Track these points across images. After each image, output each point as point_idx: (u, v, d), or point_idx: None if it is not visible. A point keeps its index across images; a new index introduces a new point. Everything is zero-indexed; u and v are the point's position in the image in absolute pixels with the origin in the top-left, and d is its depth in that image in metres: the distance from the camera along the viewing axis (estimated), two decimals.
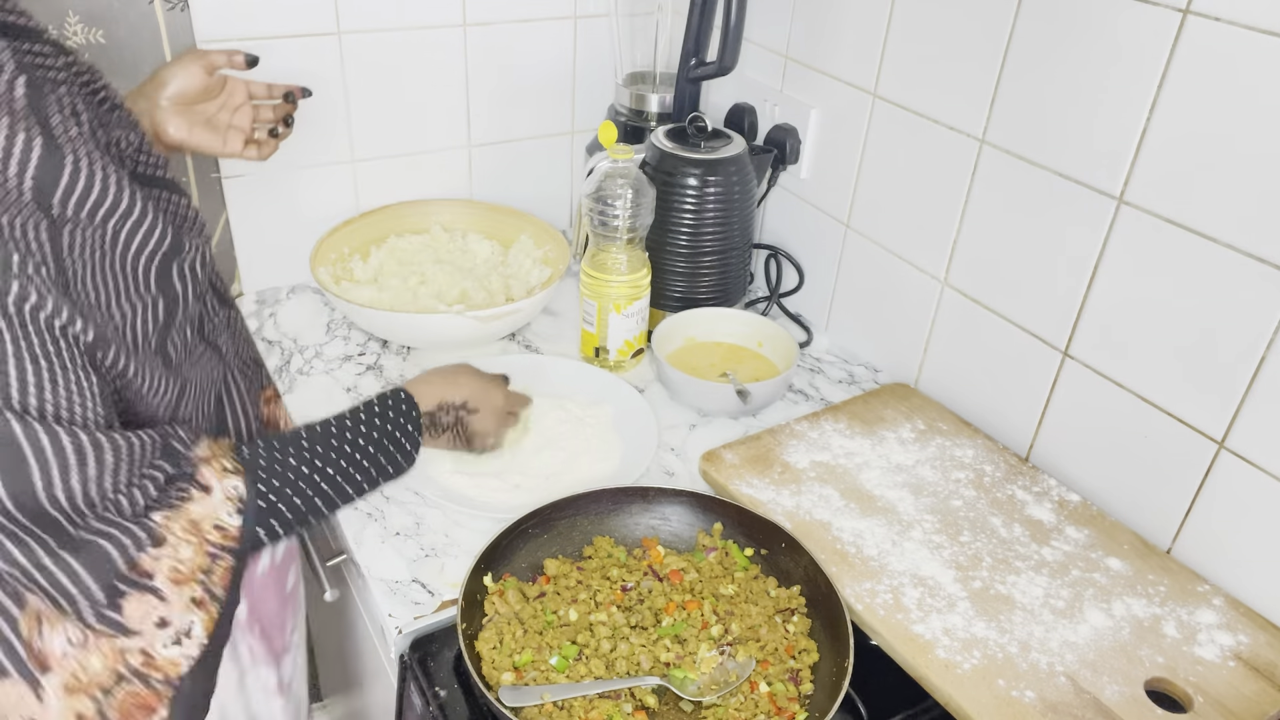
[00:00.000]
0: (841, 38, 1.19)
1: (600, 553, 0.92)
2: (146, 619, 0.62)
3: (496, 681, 0.78)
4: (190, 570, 0.64)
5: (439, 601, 0.89)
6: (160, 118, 0.92)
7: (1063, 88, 0.94)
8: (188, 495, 0.65)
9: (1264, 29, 0.77)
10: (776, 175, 1.34)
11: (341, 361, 1.22)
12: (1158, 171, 0.87)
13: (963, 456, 1.05)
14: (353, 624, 1.19)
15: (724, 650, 0.82)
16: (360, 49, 1.29)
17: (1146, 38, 0.85)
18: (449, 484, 1.01)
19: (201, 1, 1.16)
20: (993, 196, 1.04)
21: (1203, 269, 0.85)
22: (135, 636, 0.62)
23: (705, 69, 1.27)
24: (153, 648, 0.63)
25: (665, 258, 1.24)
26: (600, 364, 1.22)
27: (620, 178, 1.13)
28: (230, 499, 0.67)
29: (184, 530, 0.64)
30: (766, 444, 1.05)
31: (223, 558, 0.66)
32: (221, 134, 0.97)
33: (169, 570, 0.63)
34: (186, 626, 0.64)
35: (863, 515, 0.96)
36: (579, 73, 1.47)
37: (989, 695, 0.78)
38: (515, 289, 1.31)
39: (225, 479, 0.67)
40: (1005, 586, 0.88)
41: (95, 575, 0.60)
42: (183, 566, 0.64)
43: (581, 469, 1.04)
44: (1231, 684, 0.79)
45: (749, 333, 1.24)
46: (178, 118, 0.93)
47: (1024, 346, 1.05)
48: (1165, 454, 0.93)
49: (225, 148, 0.97)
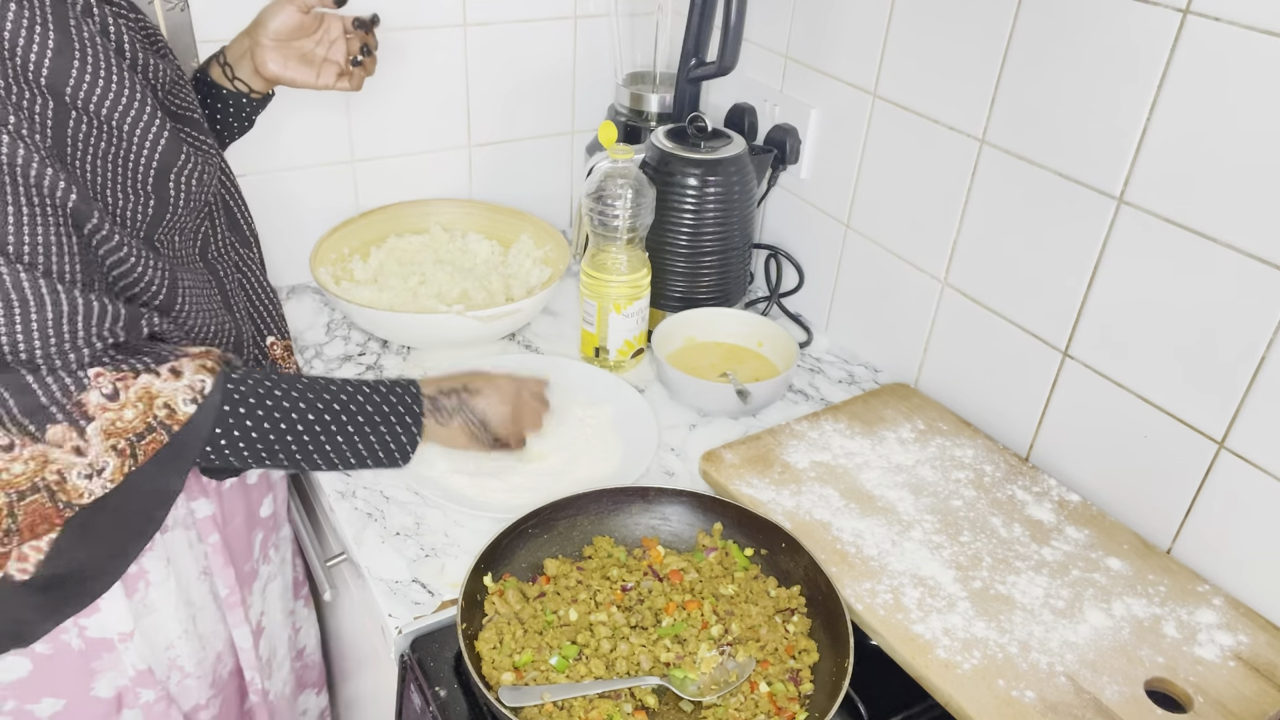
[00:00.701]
0: (841, 38, 1.19)
1: (600, 553, 0.92)
2: (65, 443, 0.70)
3: (496, 681, 0.78)
4: (124, 428, 0.72)
5: (439, 601, 0.89)
6: (260, 55, 0.99)
7: (1063, 88, 0.94)
8: (155, 371, 0.73)
9: (1264, 29, 0.77)
10: (776, 175, 1.34)
11: (341, 361, 1.22)
12: (1158, 171, 0.87)
13: (963, 456, 1.05)
14: (353, 624, 1.19)
15: (724, 650, 0.82)
16: None
17: (1146, 38, 0.85)
18: (449, 484, 1.01)
19: (201, 1, 1.16)
20: (993, 196, 1.04)
21: (1203, 269, 0.85)
22: (54, 452, 0.70)
23: (705, 69, 1.27)
24: (67, 472, 0.71)
25: (665, 258, 1.24)
26: (600, 364, 1.22)
27: (620, 178, 1.13)
28: (192, 389, 0.74)
29: (137, 396, 0.72)
30: (766, 444, 1.05)
31: (158, 431, 0.73)
32: (316, 67, 1.03)
33: (107, 422, 0.71)
34: (101, 466, 0.72)
35: (863, 515, 0.96)
36: (579, 73, 1.47)
37: (989, 695, 0.78)
38: (515, 289, 1.31)
39: (197, 373, 0.74)
40: (1005, 586, 0.88)
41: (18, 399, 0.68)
42: (120, 423, 0.72)
43: (581, 469, 1.04)
44: (1231, 684, 0.79)
45: (749, 333, 1.24)
46: (275, 53, 1.00)
47: (1024, 346, 1.05)
48: (1165, 454, 0.93)
49: (319, 80, 1.04)
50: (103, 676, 0.88)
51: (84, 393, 0.70)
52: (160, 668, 0.93)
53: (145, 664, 0.90)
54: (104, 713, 0.90)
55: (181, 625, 0.93)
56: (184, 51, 1.18)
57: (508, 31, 1.38)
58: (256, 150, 1.28)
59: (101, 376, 0.71)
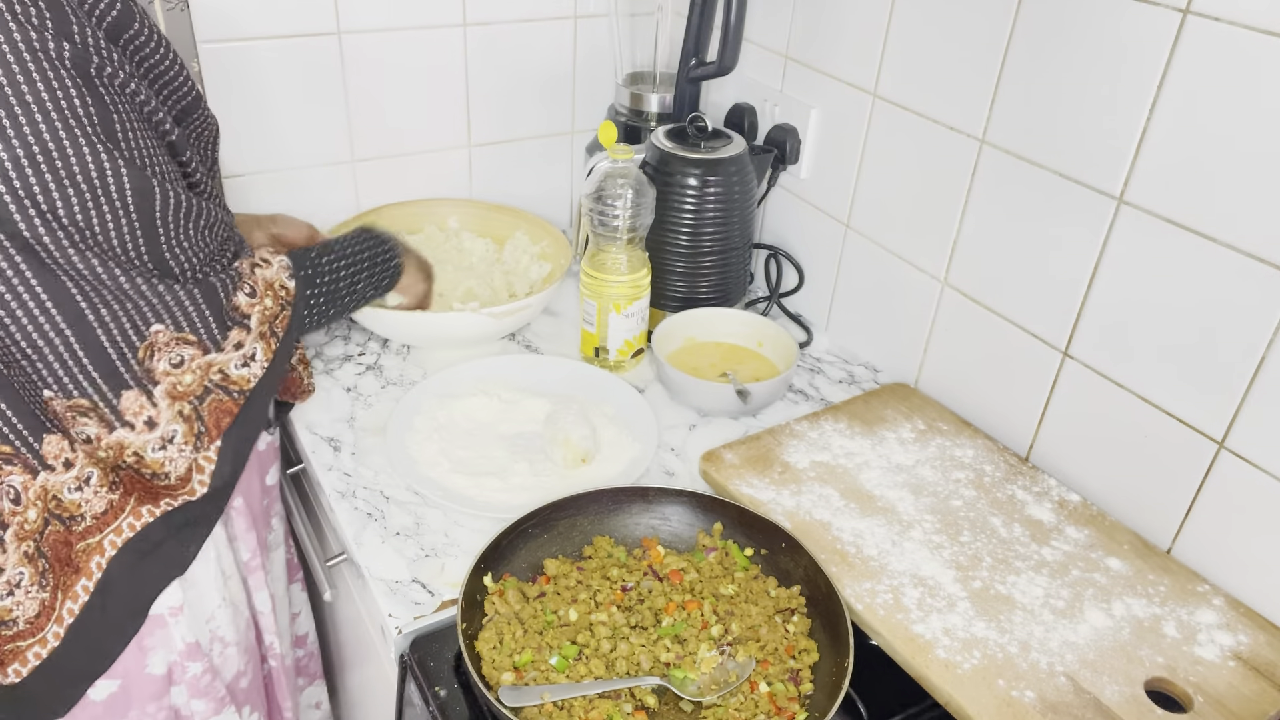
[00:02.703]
0: (841, 38, 1.19)
1: (600, 553, 0.92)
2: (231, 345, 0.83)
3: (496, 681, 0.78)
4: (269, 316, 0.86)
5: (439, 601, 0.89)
6: None
7: (1063, 88, 0.94)
8: (259, 263, 0.87)
9: (1264, 29, 0.77)
10: (776, 175, 1.34)
11: (341, 361, 1.22)
12: (1158, 171, 0.87)
13: (963, 456, 1.05)
14: (353, 624, 1.19)
15: (724, 650, 0.82)
16: (360, 49, 1.29)
17: (1146, 38, 0.85)
18: (449, 484, 1.01)
19: (201, 1, 1.16)
20: (993, 196, 1.04)
21: (1203, 269, 0.85)
22: (222, 355, 0.83)
23: (705, 69, 1.27)
24: (228, 367, 0.83)
25: (665, 258, 1.24)
26: (600, 364, 1.22)
27: (620, 178, 1.13)
28: (285, 268, 0.89)
29: (264, 287, 0.86)
30: (766, 444, 1.05)
31: (286, 309, 0.88)
32: None
33: (258, 315, 0.85)
34: (253, 352, 0.85)
35: (863, 515, 0.96)
36: (579, 73, 1.47)
37: (989, 695, 0.78)
38: (516, 285, 1.31)
39: (276, 255, 0.90)
40: (1005, 586, 0.88)
41: (212, 308, 0.81)
42: (266, 313, 0.86)
43: (582, 469, 1.04)
44: (1231, 684, 0.79)
45: (749, 333, 1.24)
46: None
47: (1024, 346, 1.05)
48: (1165, 454, 0.93)
49: None
50: (155, 653, 0.89)
51: (236, 295, 0.83)
52: (205, 640, 0.94)
53: (194, 637, 0.92)
54: (157, 690, 0.91)
55: (220, 594, 0.94)
56: (184, 51, 1.18)
57: (508, 31, 1.38)
58: (257, 150, 1.28)
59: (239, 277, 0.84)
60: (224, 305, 0.82)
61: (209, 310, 0.81)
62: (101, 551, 0.82)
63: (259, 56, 1.23)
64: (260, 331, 0.85)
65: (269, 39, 1.23)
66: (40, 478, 0.78)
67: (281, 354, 0.87)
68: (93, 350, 0.77)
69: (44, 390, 0.77)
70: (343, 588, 1.17)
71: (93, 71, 0.73)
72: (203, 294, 0.80)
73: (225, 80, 1.22)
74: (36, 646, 0.81)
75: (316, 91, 1.29)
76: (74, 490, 0.79)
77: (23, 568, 0.79)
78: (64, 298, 0.74)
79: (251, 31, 1.21)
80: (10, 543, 0.78)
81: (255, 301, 0.85)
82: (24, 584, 0.79)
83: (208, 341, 0.81)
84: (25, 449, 0.77)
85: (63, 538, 0.81)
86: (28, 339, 0.75)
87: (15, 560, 0.78)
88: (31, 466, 0.78)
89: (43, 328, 0.75)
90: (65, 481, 0.79)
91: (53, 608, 0.81)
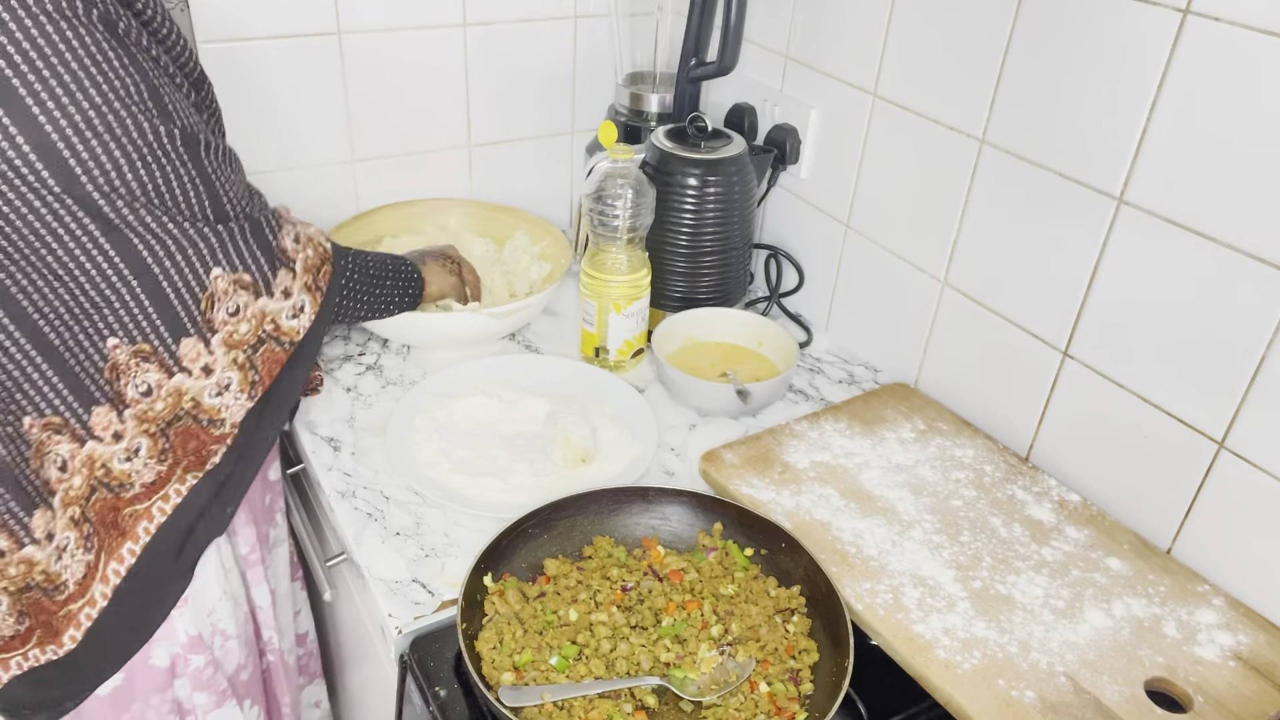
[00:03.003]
0: (841, 38, 1.19)
1: (600, 553, 0.92)
2: (279, 289, 0.85)
3: (496, 681, 0.78)
4: (312, 265, 0.89)
5: (439, 601, 0.89)
6: None
7: (1063, 88, 0.94)
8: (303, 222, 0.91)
9: (1264, 29, 0.77)
10: (776, 175, 1.34)
11: (341, 361, 1.22)
12: (1158, 171, 0.87)
13: (963, 456, 1.05)
14: (353, 624, 1.19)
15: (724, 650, 0.82)
16: (360, 49, 1.29)
17: (1146, 38, 0.85)
18: (449, 484, 1.01)
19: (201, 1, 1.16)
20: (993, 196, 1.04)
21: (1203, 269, 0.85)
22: (273, 303, 0.85)
23: (705, 69, 1.27)
24: (280, 318, 0.86)
25: (665, 258, 1.24)
26: (600, 364, 1.22)
27: (620, 178, 1.13)
28: (321, 231, 0.93)
29: (307, 239, 0.89)
30: (766, 444, 1.05)
31: (326, 263, 0.91)
32: None
33: (302, 261, 0.88)
34: (301, 304, 0.87)
35: (863, 515, 0.96)
36: (579, 73, 1.47)
37: (989, 695, 0.78)
38: (517, 285, 1.31)
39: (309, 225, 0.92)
40: (1005, 586, 0.88)
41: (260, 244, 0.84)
42: (310, 261, 0.89)
43: (582, 469, 1.04)
44: (1231, 684, 0.79)
45: (749, 333, 1.24)
46: None
47: (1024, 346, 1.05)
48: (1165, 454, 0.93)
49: None
50: (158, 645, 0.91)
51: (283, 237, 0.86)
52: (206, 633, 0.95)
53: (196, 629, 0.93)
54: (161, 682, 0.92)
55: (221, 587, 0.95)
56: None
57: (508, 31, 1.38)
58: (257, 150, 1.28)
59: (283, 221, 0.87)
60: (272, 243, 0.84)
61: (258, 246, 0.83)
62: (150, 518, 0.85)
63: (259, 56, 1.23)
64: (305, 282, 0.87)
65: (269, 39, 1.23)
66: (88, 446, 0.82)
67: (324, 311, 0.90)
68: (157, 299, 0.80)
69: (109, 339, 0.80)
70: (343, 588, 1.17)
71: (121, 31, 0.75)
72: (251, 229, 0.83)
73: (225, 80, 1.22)
74: (87, 608, 0.84)
75: (316, 91, 1.29)
76: (124, 461, 0.83)
77: (69, 532, 0.83)
78: (130, 252, 0.77)
79: (252, 31, 1.21)
80: (58, 509, 0.81)
81: (299, 249, 0.87)
82: (69, 548, 0.83)
83: (259, 281, 0.83)
84: (75, 420, 0.81)
85: (110, 503, 0.83)
86: (96, 289, 0.78)
87: (63, 525, 0.83)
88: (79, 436, 0.81)
89: (110, 279, 0.78)
90: (115, 452, 0.82)
91: (96, 568, 0.84)
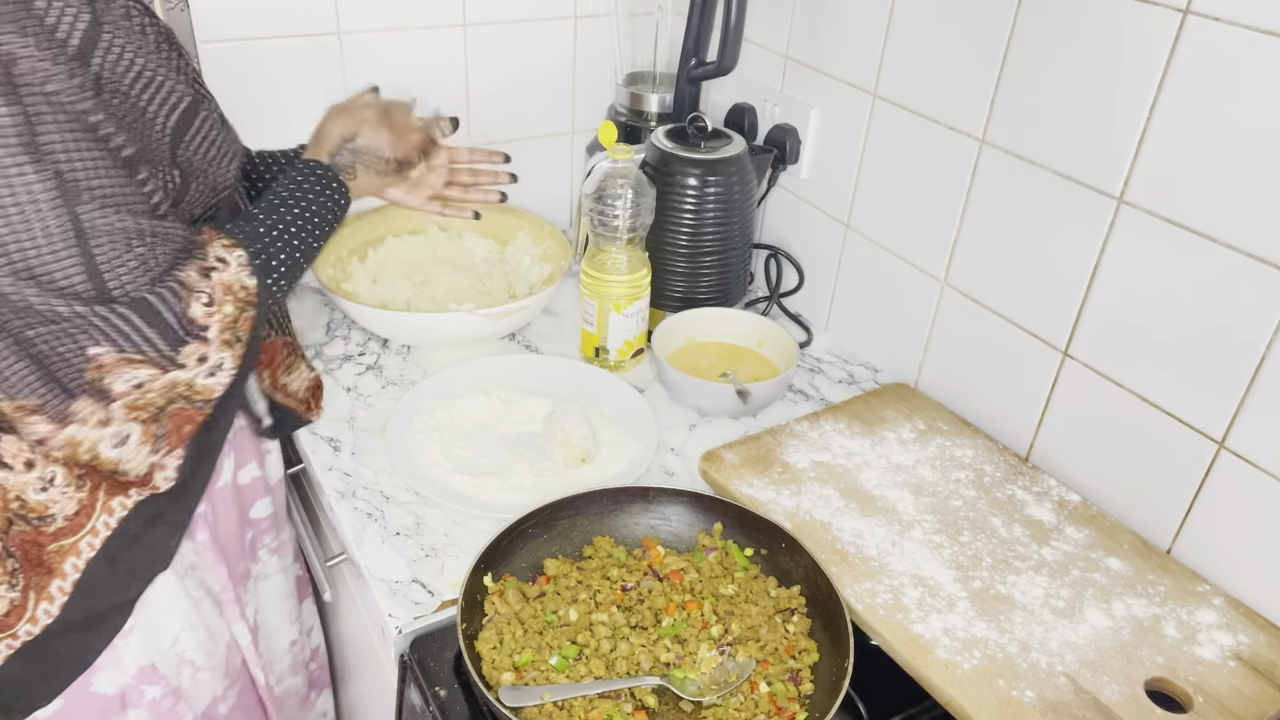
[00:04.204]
0: (841, 38, 1.19)
1: (600, 553, 0.92)
2: (192, 358, 0.78)
3: (496, 681, 0.78)
4: (230, 321, 0.80)
5: (439, 601, 0.89)
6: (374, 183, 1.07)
7: (1063, 88, 0.94)
8: (216, 267, 0.80)
9: (1264, 29, 0.77)
10: (776, 175, 1.34)
11: (342, 361, 1.22)
12: (1158, 171, 0.87)
13: (963, 456, 1.05)
14: (353, 624, 1.19)
15: (724, 650, 0.82)
16: (360, 49, 1.29)
17: (1146, 38, 0.85)
18: (449, 484, 1.01)
19: (201, 1, 1.16)
20: (993, 196, 1.04)
21: (1202, 269, 0.85)
22: (184, 371, 0.78)
23: (705, 69, 1.27)
24: (195, 380, 0.79)
25: (665, 258, 1.24)
26: (600, 364, 1.22)
27: (620, 178, 1.13)
28: (244, 265, 0.83)
29: (224, 293, 0.80)
30: (766, 444, 1.05)
31: (248, 310, 0.82)
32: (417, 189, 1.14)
33: (218, 323, 0.79)
34: (220, 362, 0.80)
35: (863, 515, 0.96)
36: (579, 73, 1.47)
37: (989, 695, 0.78)
38: (517, 286, 1.31)
39: (233, 251, 0.82)
40: (1005, 586, 0.88)
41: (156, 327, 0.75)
42: (226, 319, 0.80)
43: (582, 469, 1.04)
44: (1231, 684, 0.79)
45: (749, 333, 1.24)
46: None
47: (1024, 346, 1.05)
48: (1165, 454, 0.93)
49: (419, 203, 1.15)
50: (101, 673, 0.88)
51: (191, 306, 0.78)
52: (167, 664, 0.93)
53: (148, 660, 0.91)
54: (104, 709, 0.90)
55: (184, 618, 0.93)
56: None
57: (508, 31, 1.38)
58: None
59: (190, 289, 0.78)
60: (170, 321, 0.75)
61: (152, 329, 0.75)
62: (78, 553, 0.81)
63: (259, 56, 1.23)
64: (224, 340, 0.79)
65: (269, 39, 1.23)
66: None
67: (249, 356, 0.83)
68: (38, 366, 0.74)
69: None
70: (343, 588, 1.17)
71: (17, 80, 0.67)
72: (140, 314, 0.74)
73: (225, 80, 1.22)
74: (9, 640, 0.81)
75: (317, 91, 1.29)
76: (39, 491, 0.78)
77: None
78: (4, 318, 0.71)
79: (252, 31, 1.21)
80: None
81: (213, 310, 0.79)
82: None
83: (161, 360, 0.76)
84: None
85: (32, 538, 0.80)
86: None
87: None
88: None
89: None
90: (28, 482, 0.78)
91: (24, 608, 0.81)
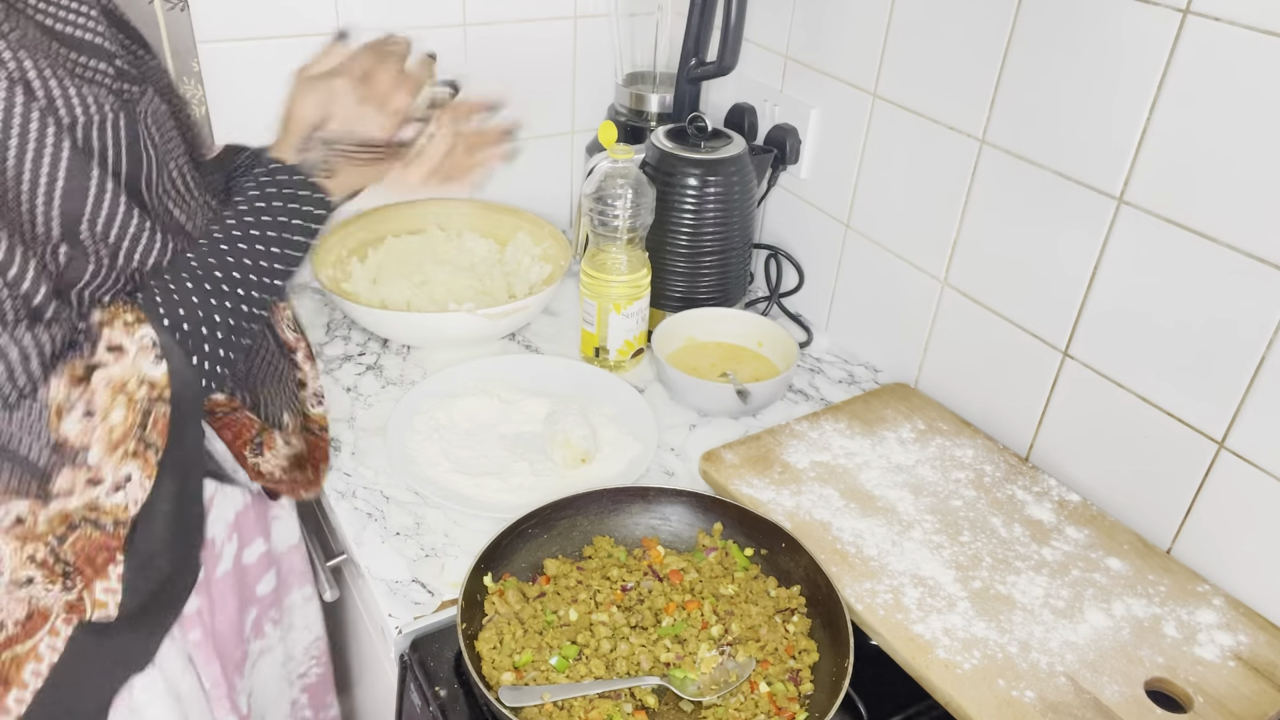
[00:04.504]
0: (841, 38, 1.19)
1: (600, 553, 0.92)
2: (77, 483, 0.63)
3: (496, 681, 0.78)
4: (125, 431, 0.64)
5: (439, 601, 0.89)
6: None
7: (1063, 88, 0.94)
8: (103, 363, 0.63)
9: (1264, 29, 0.77)
10: (776, 175, 1.34)
11: (341, 361, 1.22)
12: (1158, 171, 0.87)
13: (963, 456, 1.05)
14: (353, 624, 1.19)
15: (724, 650, 0.82)
16: None
17: (1146, 38, 0.85)
18: (449, 484, 1.01)
19: (201, 1, 1.16)
20: (993, 196, 1.04)
21: (1203, 269, 0.85)
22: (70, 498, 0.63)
23: (705, 69, 1.27)
24: (96, 500, 0.64)
25: (665, 258, 1.24)
26: (600, 364, 1.22)
27: (620, 178, 1.13)
28: (145, 350, 0.64)
29: (111, 396, 0.63)
30: (766, 444, 1.05)
31: (159, 405, 0.65)
32: None
33: (104, 439, 0.63)
34: (124, 477, 0.65)
35: (863, 515, 0.96)
36: (579, 73, 1.47)
37: (989, 695, 0.78)
38: (517, 286, 1.31)
39: (134, 331, 0.65)
40: (1005, 586, 0.88)
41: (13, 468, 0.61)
42: (116, 430, 0.63)
43: (582, 469, 1.04)
44: (1231, 684, 0.79)
45: (749, 333, 1.24)
46: None
47: (1024, 346, 1.05)
48: (1165, 454, 0.93)
49: None
50: None
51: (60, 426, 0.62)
52: None
53: None
54: None
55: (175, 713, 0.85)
56: (184, 52, 1.18)
57: (508, 31, 1.38)
58: None
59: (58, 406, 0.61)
60: (26, 454, 0.61)
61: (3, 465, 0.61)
62: (38, 658, 0.72)
63: (259, 56, 1.23)
64: (124, 452, 0.64)
65: (269, 39, 1.23)
66: None
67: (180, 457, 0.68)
68: None
69: None
70: (343, 588, 1.17)
71: None
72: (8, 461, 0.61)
73: (225, 80, 1.22)
74: None
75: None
76: None
77: None
78: None
79: (251, 31, 1.21)
80: None
81: (95, 423, 0.62)
82: None
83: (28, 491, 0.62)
84: None
85: None
86: None
87: None
88: None
89: None
90: None
91: None
